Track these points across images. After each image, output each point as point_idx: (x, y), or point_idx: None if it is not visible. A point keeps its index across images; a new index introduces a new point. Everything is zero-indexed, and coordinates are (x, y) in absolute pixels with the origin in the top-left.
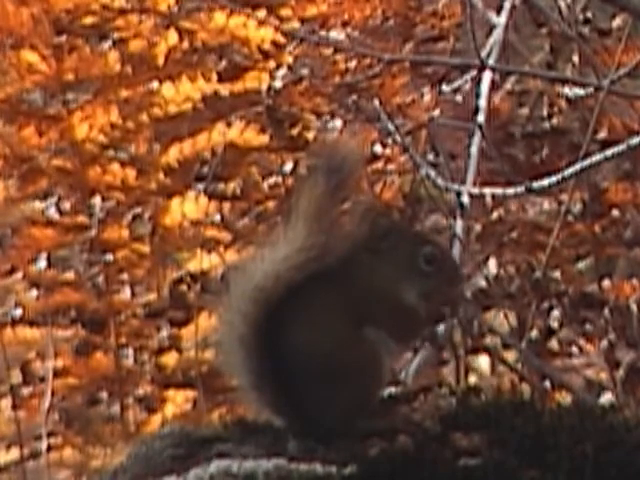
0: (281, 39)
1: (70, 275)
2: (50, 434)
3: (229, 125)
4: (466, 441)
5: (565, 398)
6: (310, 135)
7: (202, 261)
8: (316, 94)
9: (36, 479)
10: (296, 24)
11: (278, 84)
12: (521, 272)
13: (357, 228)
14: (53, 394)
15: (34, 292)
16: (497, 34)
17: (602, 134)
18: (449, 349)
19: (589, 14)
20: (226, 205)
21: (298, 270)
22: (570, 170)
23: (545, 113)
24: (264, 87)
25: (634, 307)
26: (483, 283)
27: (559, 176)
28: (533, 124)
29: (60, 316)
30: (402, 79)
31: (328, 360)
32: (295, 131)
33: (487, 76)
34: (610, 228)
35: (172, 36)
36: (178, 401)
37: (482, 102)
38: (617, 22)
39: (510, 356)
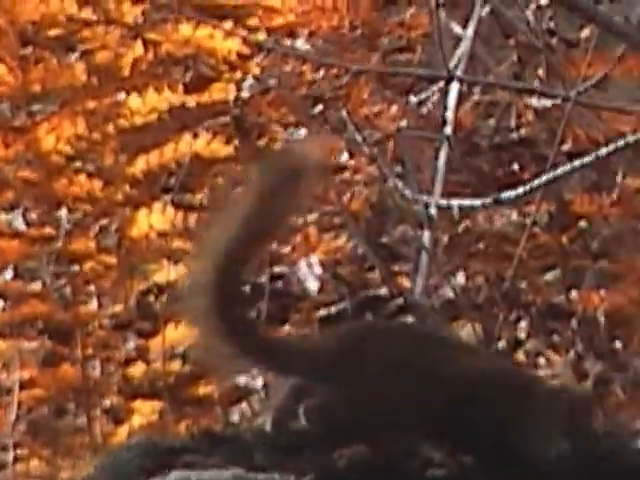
0: (248, 50)
1: (37, 286)
2: (17, 445)
3: (195, 136)
4: (434, 452)
5: None
6: (277, 146)
7: (169, 272)
8: (283, 105)
9: None
10: (263, 35)
11: (245, 94)
12: (489, 283)
13: None
14: (19, 406)
15: (0, 303)
16: (464, 45)
17: (567, 146)
18: None
19: (556, 25)
20: (193, 216)
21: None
22: (537, 181)
23: (512, 124)
24: (231, 98)
25: (602, 318)
26: (451, 294)
27: (526, 187)
28: (500, 135)
29: (27, 327)
30: (369, 90)
31: None
32: (262, 142)
33: (454, 87)
34: (577, 239)
35: (138, 47)
36: (145, 412)
37: (449, 114)
38: (585, 33)
39: None
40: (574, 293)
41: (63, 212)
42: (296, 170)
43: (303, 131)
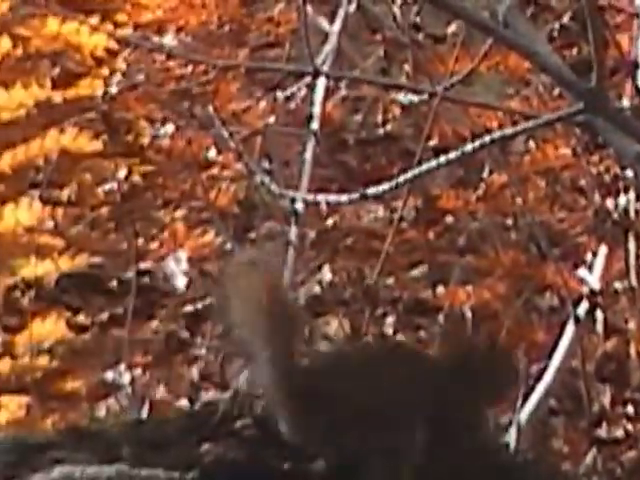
0: (115, 45)
1: None
2: None
3: (62, 132)
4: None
5: None
6: (144, 141)
7: (36, 268)
8: (151, 100)
9: None
10: (130, 30)
11: (113, 90)
12: (353, 279)
13: None
14: None
15: None
16: (331, 41)
17: (433, 141)
18: None
19: (422, 20)
20: (60, 211)
21: None
22: (403, 177)
23: (379, 120)
24: (99, 93)
25: (469, 313)
26: (317, 290)
27: (393, 183)
28: (367, 131)
29: None
30: (237, 86)
31: None
32: (130, 137)
33: (321, 83)
34: (443, 235)
35: (5, 42)
36: (11, 408)
37: (316, 109)
38: (452, 29)
39: None
40: (441, 288)
41: None
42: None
43: (170, 127)
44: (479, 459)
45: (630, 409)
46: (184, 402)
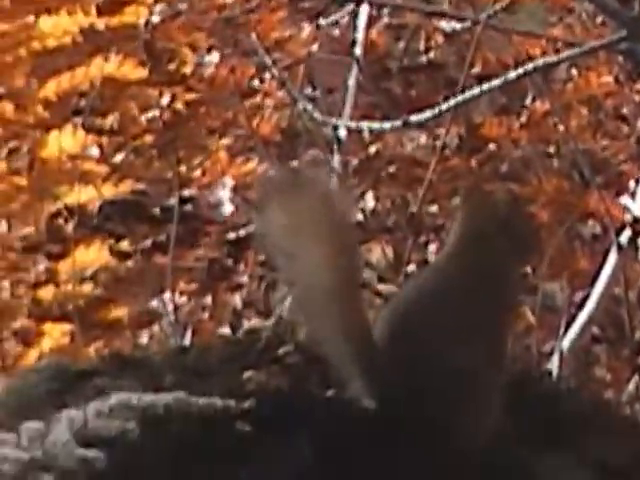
0: None
1: None
2: None
3: (107, 59)
4: None
5: None
6: (188, 69)
7: (79, 195)
8: (194, 29)
9: None
10: None
11: (156, 19)
12: (397, 206)
13: None
14: None
15: None
16: None
17: (476, 69)
18: None
19: None
20: (103, 139)
21: None
22: (446, 104)
23: (422, 47)
24: (142, 22)
25: None
26: (360, 217)
27: (436, 110)
28: (410, 58)
29: None
30: (280, 14)
31: None
32: (173, 66)
33: (364, 10)
34: (486, 163)
35: None
36: (55, 335)
37: (359, 35)
38: None
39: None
40: None
41: None
42: None
43: (214, 55)
44: (524, 388)
45: None
46: (227, 330)
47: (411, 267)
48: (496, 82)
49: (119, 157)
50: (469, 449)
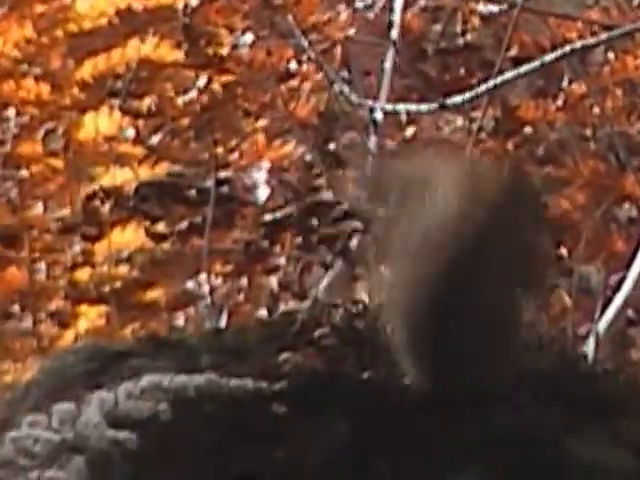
0: None
1: None
2: None
3: (143, 41)
4: None
5: None
6: (224, 51)
7: (116, 176)
8: (232, 12)
9: None
10: None
11: (194, 2)
12: None
13: None
14: None
15: None
16: None
17: (513, 51)
18: (362, 265)
19: None
20: (140, 121)
21: None
22: (483, 87)
23: (458, 30)
24: (179, 5)
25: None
26: None
27: (472, 93)
28: (446, 40)
29: None
30: None
31: None
32: (210, 49)
33: None
34: (523, 145)
35: None
36: (91, 316)
37: (396, 17)
38: None
39: None
40: None
41: (11, 114)
42: None
43: (249, 36)
44: (561, 368)
45: None
46: (263, 312)
47: None
48: (533, 65)
49: (155, 139)
50: (509, 423)
